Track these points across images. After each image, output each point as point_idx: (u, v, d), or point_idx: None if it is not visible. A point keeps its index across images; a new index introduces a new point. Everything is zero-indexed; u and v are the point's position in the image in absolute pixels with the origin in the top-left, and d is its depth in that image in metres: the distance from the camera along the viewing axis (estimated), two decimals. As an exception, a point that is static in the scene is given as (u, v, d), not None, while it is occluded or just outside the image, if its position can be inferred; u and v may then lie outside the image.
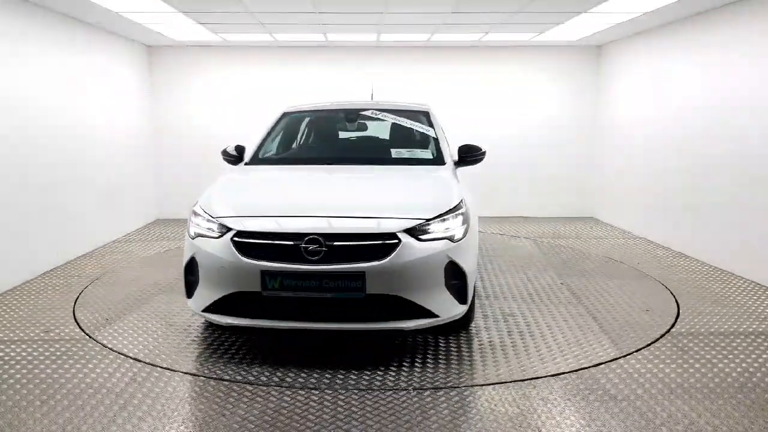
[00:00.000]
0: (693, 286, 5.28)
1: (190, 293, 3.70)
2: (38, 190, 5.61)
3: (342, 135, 5.49)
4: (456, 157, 4.78)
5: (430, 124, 5.03)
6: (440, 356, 3.72)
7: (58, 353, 3.76)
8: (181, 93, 8.62)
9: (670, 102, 6.87)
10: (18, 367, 3.56)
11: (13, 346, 3.87)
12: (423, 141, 5.02)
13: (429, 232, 3.50)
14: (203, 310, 3.59)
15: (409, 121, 5.05)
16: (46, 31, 5.83)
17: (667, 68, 6.92)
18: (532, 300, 4.86)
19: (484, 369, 3.53)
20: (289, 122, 5.39)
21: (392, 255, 3.36)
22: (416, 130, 5.05)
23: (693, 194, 6.37)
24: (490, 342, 3.95)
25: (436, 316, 3.46)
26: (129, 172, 7.69)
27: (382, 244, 3.39)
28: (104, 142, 7.05)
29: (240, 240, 3.47)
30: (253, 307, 3.50)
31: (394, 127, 5.21)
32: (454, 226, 3.61)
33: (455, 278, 3.53)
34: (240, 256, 3.43)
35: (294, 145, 5.39)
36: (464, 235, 3.63)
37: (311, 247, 3.36)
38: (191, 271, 3.65)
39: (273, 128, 5.23)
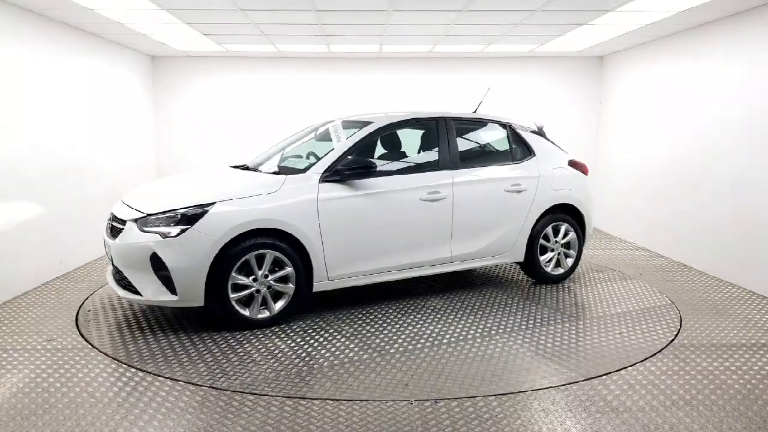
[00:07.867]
0: (696, 297, 5.27)
1: None
2: (41, 198, 5.64)
3: (308, 147, 5.46)
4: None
5: (348, 136, 4.85)
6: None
7: (61, 362, 3.77)
8: (185, 102, 8.66)
9: (672, 112, 6.89)
10: (20, 375, 3.57)
11: (15, 355, 3.89)
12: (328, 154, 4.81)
13: (149, 225, 4.16)
14: None
15: (338, 132, 5.04)
16: (51, 39, 5.89)
17: (670, 79, 6.94)
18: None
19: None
20: (298, 134, 5.70)
21: (117, 238, 4.28)
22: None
23: (695, 205, 6.37)
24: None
25: (140, 295, 4.16)
26: (132, 181, 7.72)
27: (120, 228, 4.31)
28: (107, 151, 7.09)
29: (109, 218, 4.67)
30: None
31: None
32: (169, 224, 4.13)
33: (160, 269, 4.08)
34: (105, 228, 4.65)
35: (274, 155, 5.45)
36: (179, 234, 4.05)
37: (112, 224, 4.46)
38: None
39: (287, 138, 5.70)
